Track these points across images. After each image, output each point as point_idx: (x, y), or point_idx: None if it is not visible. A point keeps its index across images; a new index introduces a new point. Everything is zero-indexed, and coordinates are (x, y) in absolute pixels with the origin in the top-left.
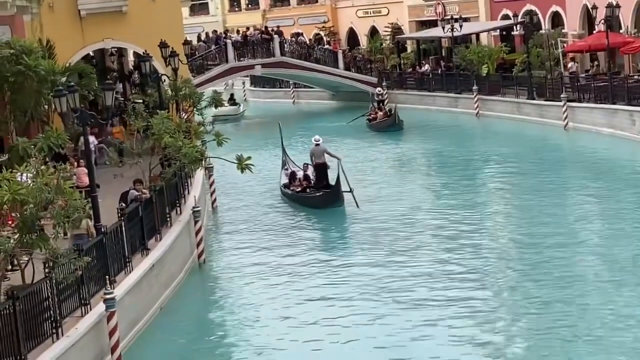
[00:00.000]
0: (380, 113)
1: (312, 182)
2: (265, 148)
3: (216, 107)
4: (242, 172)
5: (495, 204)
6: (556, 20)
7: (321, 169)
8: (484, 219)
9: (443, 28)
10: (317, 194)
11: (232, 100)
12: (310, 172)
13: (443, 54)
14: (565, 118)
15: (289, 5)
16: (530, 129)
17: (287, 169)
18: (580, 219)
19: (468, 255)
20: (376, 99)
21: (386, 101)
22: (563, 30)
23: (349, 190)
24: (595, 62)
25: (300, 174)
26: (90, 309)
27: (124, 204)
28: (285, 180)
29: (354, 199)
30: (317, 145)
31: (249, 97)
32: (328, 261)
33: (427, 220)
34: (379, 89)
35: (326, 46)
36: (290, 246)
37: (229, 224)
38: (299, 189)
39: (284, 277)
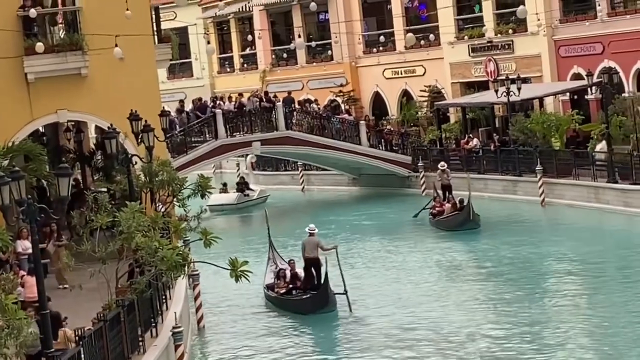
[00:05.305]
0: (448, 205)
1: (301, 281)
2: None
3: (202, 196)
4: (236, 280)
5: (564, 328)
6: None
7: (312, 265)
8: (547, 347)
9: (496, 91)
10: (304, 297)
11: (240, 185)
12: (300, 268)
13: (497, 125)
14: None
15: (296, 64)
16: (612, 220)
17: (272, 266)
18: None
19: None
20: (438, 179)
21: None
22: None
23: (343, 292)
24: None
25: (288, 272)
26: None
27: None
28: (269, 280)
29: (348, 301)
30: (310, 235)
31: None
32: None
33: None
34: (443, 163)
35: (345, 116)
36: None
37: (218, 347)
38: (283, 291)
39: None
